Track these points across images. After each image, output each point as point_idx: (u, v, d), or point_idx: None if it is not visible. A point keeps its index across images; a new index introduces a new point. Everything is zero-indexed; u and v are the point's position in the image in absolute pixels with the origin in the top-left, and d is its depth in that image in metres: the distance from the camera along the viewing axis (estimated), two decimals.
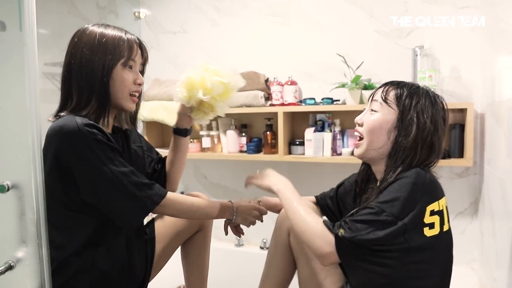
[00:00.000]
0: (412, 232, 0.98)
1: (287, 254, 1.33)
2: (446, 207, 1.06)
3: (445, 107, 1.11)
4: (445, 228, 1.04)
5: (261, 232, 2.27)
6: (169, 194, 1.16)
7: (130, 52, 1.13)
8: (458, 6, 1.83)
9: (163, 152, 2.23)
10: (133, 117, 1.30)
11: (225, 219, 1.35)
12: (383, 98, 1.10)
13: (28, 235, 1.04)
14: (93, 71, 1.09)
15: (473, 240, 1.89)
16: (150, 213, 1.19)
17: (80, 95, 1.10)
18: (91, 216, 1.11)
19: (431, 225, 1.00)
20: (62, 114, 1.09)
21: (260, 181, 1.28)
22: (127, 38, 1.14)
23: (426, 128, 1.05)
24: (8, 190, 0.99)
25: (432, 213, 1.00)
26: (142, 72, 1.24)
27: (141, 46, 1.19)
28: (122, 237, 1.19)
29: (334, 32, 2.08)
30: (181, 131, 1.39)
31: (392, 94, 1.10)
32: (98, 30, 1.12)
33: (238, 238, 2.30)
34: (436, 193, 1.03)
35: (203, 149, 2.28)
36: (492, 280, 1.61)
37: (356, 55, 2.01)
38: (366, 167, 1.24)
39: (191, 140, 2.27)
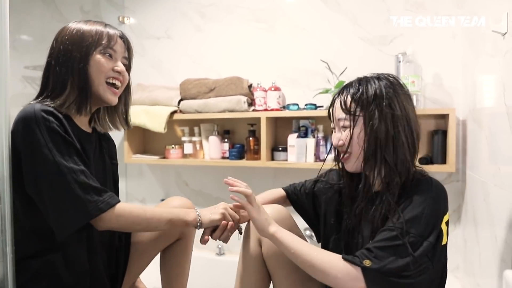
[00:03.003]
0: (434, 248, 0.92)
1: (259, 268, 1.21)
2: None
3: (400, 81, 1.06)
4: (448, 237, 0.99)
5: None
6: (120, 205, 1.04)
7: (109, 40, 1.11)
8: (440, 13, 1.85)
9: (145, 158, 2.20)
10: (124, 114, 1.25)
11: (193, 227, 1.17)
12: (347, 112, 1.03)
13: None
14: (71, 58, 1.07)
15: (456, 248, 1.87)
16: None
17: (55, 83, 1.08)
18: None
19: (443, 236, 0.95)
20: (32, 102, 1.06)
21: (255, 213, 1.08)
22: (107, 30, 1.12)
23: (397, 111, 0.99)
24: None
25: (446, 223, 0.96)
26: (128, 68, 1.20)
27: (123, 38, 1.16)
28: (83, 245, 1.11)
29: (318, 39, 2.09)
30: None
31: (349, 101, 1.03)
32: (79, 24, 1.11)
33: (218, 242, 2.23)
34: (448, 202, 0.99)
35: (184, 155, 2.24)
36: (476, 287, 1.58)
37: (340, 61, 2.01)
38: (349, 180, 1.15)
39: (173, 146, 2.23)
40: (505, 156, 1.24)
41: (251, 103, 2.09)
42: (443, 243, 0.95)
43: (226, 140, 2.16)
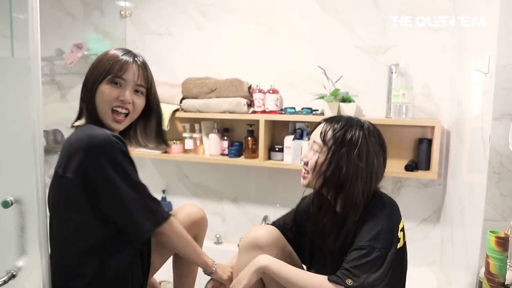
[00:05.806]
0: (396, 254, 1.09)
1: None
2: None
3: (381, 136, 1.20)
4: (405, 239, 1.17)
5: (240, 229, 2.38)
6: (172, 217, 1.25)
7: (120, 70, 1.18)
8: (433, 28, 1.96)
9: (148, 152, 2.27)
10: (158, 136, 1.40)
11: (207, 272, 1.38)
12: (322, 139, 1.17)
13: (30, 246, 1.11)
14: (86, 85, 1.20)
15: (434, 245, 2.06)
16: None
17: (80, 106, 1.23)
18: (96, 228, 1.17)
19: (399, 240, 1.12)
20: (77, 123, 1.21)
21: (242, 279, 1.23)
22: (121, 58, 1.19)
23: (361, 163, 1.13)
24: (11, 205, 1.06)
25: (401, 230, 1.14)
26: (148, 92, 1.28)
27: (139, 66, 1.23)
28: (126, 251, 1.23)
29: (316, 44, 2.18)
30: None
31: (330, 134, 1.17)
32: (108, 51, 1.22)
33: None
34: (400, 213, 1.17)
35: (185, 150, 2.35)
36: (448, 283, 1.78)
37: (336, 67, 2.12)
38: (317, 195, 1.32)
39: (174, 141, 2.34)
40: (476, 167, 1.39)
41: (250, 104, 2.20)
42: (399, 246, 1.12)
43: (225, 138, 2.28)
